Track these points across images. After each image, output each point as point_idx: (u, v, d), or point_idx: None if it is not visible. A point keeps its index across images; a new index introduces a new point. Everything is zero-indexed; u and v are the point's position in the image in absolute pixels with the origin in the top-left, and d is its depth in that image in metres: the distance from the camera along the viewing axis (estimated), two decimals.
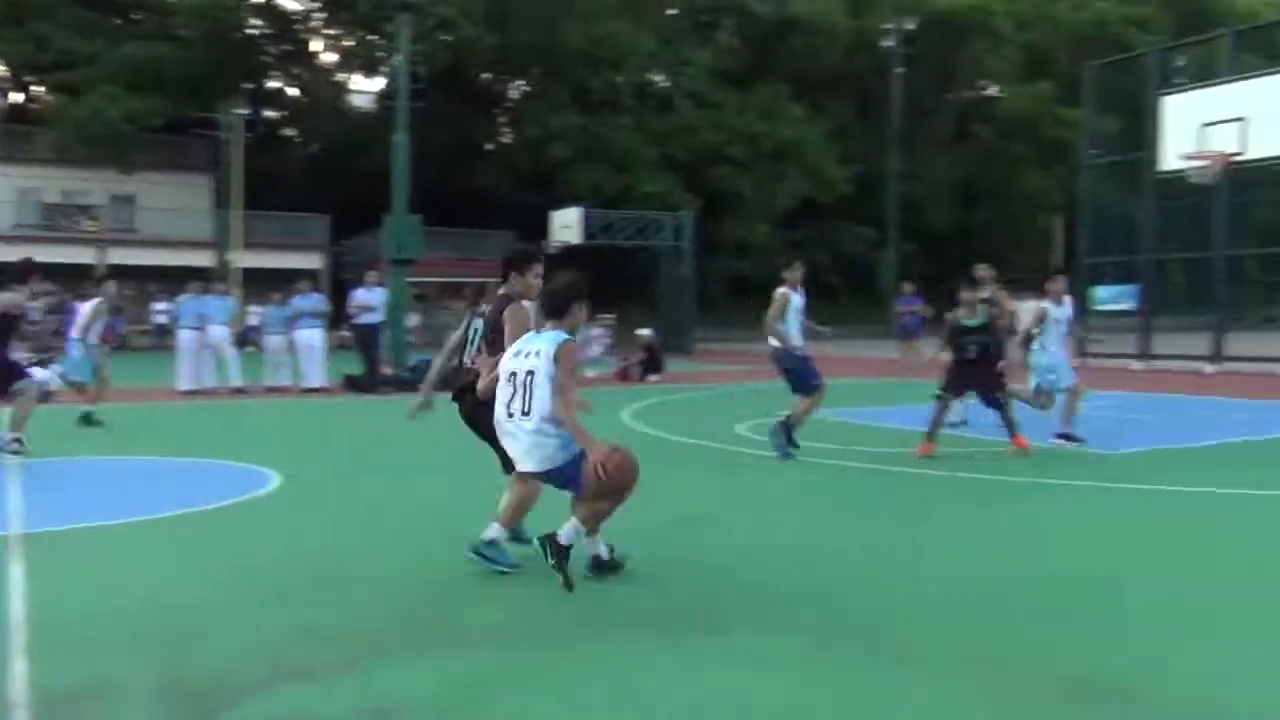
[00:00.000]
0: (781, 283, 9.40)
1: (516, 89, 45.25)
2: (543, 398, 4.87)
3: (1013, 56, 47.51)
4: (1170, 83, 30.23)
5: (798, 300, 9.36)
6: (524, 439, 4.93)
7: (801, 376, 9.38)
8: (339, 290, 27.66)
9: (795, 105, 42.95)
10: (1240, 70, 21.80)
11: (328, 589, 5.09)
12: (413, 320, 28.10)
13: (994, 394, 9.45)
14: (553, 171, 38.49)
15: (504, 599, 4.89)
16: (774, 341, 9.35)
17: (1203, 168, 13.83)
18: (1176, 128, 14.53)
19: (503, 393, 5.03)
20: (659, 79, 44.76)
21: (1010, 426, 9.34)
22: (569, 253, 31.64)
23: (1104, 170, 26.67)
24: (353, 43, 42.08)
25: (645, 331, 20.67)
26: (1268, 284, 25.02)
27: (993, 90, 51.04)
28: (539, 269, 5.72)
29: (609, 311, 22.04)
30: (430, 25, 33.76)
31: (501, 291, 5.71)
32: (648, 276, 35.33)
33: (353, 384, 17.19)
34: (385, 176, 22.67)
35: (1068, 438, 9.68)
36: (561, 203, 33.16)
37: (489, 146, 44.69)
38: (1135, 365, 22.30)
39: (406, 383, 15.64)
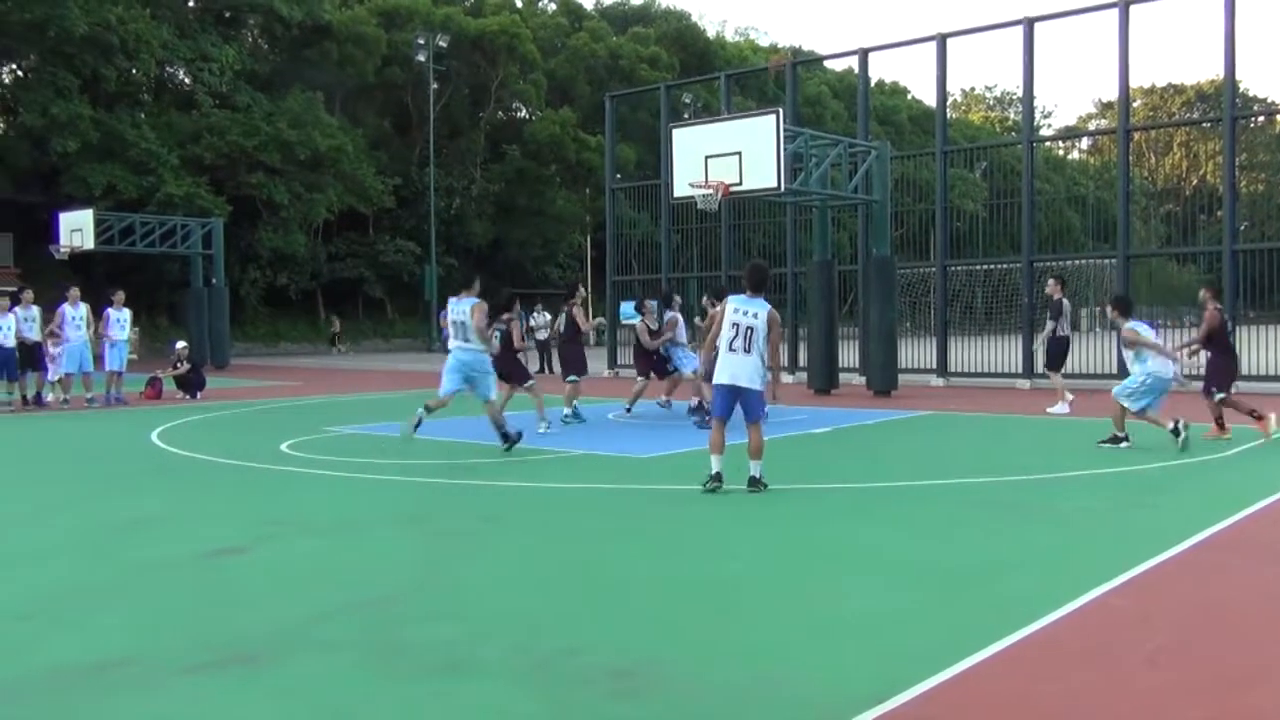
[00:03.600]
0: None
1: (9, 73, 39.97)
2: (758, 341, 7.99)
3: (539, 82, 49.82)
4: (679, 116, 33.43)
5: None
6: (745, 365, 7.96)
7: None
8: None
9: (329, 114, 41.86)
10: (735, 109, 24.83)
11: None
12: None
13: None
14: (58, 167, 34.53)
15: None
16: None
17: (708, 195, 15.44)
18: (685, 158, 16.04)
19: (728, 334, 8.03)
20: (180, 74, 41.71)
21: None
22: (86, 258, 28.61)
23: (626, 194, 28.97)
24: None
25: (182, 344, 19.27)
26: None
27: (523, 113, 53.18)
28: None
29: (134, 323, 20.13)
30: None
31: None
32: (182, 286, 32.81)
33: None
34: None
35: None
36: (72, 203, 29.91)
37: None
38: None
39: None
